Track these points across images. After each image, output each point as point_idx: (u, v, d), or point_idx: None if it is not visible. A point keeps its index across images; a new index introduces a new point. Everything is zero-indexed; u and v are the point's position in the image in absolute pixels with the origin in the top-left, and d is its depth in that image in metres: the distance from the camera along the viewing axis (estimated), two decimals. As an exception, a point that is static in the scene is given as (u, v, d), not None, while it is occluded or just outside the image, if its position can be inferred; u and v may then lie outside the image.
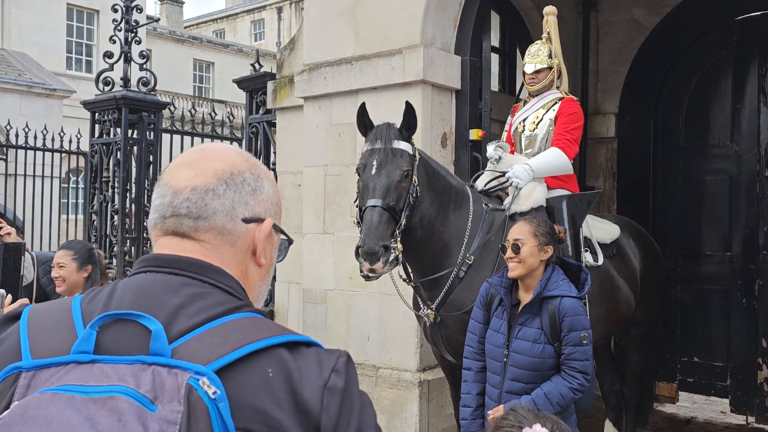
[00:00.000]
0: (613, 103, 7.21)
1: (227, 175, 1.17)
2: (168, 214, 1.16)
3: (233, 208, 1.17)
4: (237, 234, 1.17)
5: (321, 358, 1.06)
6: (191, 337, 1.02)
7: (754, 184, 6.36)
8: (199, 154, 1.21)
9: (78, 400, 0.92)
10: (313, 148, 5.56)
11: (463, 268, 3.90)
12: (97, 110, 7.79)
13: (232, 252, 1.17)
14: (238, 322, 1.06)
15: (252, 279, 1.22)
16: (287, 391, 1.01)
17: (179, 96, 22.63)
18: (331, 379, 1.04)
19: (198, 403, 0.94)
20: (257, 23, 37.02)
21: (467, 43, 5.19)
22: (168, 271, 1.12)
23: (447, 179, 3.98)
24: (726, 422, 6.41)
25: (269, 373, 1.01)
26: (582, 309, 3.19)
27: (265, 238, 1.21)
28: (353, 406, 1.06)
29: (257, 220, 1.20)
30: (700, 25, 6.76)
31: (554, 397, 3.10)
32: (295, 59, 6.05)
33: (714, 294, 6.62)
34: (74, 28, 22.69)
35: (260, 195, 1.21)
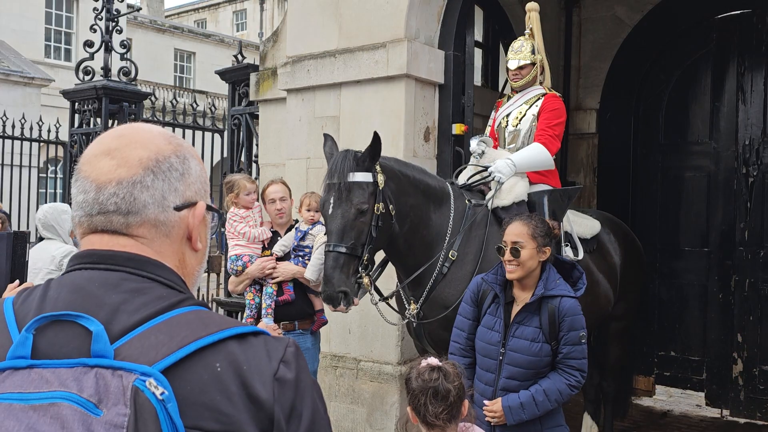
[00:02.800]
0: (595, 99, 7.27)
1: (153, 163, 1.10)
2: (95, 211, 1.09)
3: (164, 198, 1.11)
4: (171, 224, 1.12)
5: (269, 348, 1.04)
6: (134, 335, 0.98)
7: (732, 181, 6.45)
8: (118, 141, 1.11)
9: (17, 408, 0.89)
10: (295, 141, 5.55)
11: (447, 264, 3.92)
12: (76, 100, 7.71)
13: (168, 243, 1.12)
14: (183, 317, 1.02)
15: (190, 266, 1.17)
16: (238, 384, 0.98)
17: (160, 86, 22.45)
18: (280, 369, 1.02)
19: (145, 404, 0.91)
20: (239, 13, 36.75)
21: (451, 38, 5.20)
22: (104, 267, 1.07)
23: (425, 182, 3.94)
24: (701, 415, 6.51)
25: (217, 368, 0.98)
26: (579, 309, 3.20)
27: (201, 221, 1.16)
28: (305, 396, 1.05)
29: (189, 205, 1.14)
30: (680, 23, 6.83)
31: (552, 394, 3.12)
32: (278, 51, 6.03)
33: (691, 289, 6.71)
34: (53, 15, 22.39)
35: (188, 178, 1.14)
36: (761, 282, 6.22)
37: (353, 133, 5.20)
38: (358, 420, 5.11)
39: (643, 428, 6.07)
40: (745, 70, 6.42)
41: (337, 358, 5.25)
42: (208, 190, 1.20)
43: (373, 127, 5.04)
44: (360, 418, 5.11)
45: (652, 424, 6.22)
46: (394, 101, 4.97)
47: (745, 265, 6.34)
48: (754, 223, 6.30)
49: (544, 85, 4.71)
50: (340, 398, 5.22)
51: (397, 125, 4.95)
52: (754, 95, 6.37)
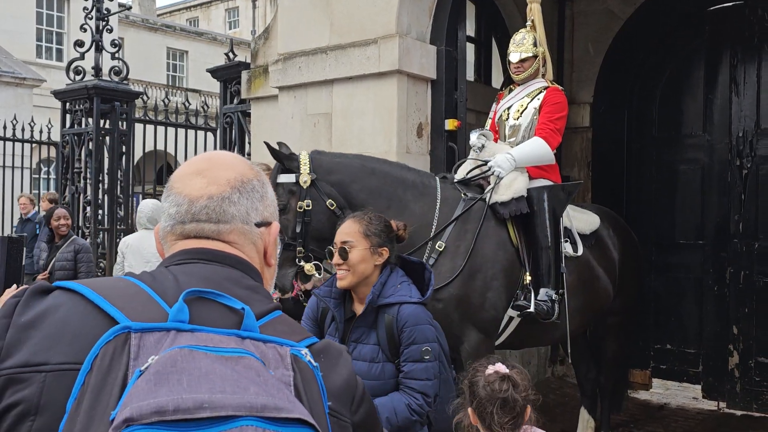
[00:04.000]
0: (588, 92, 7.24)
1: (239, 183, 1.23)
2: (187, 220, 1.20)
3: (247, 214, 1.23)
4: (254, 236, 1.25)
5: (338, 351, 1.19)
6: (265, 321, 1.11)
7: (726, 173, 6.44)
8: (207, 163, 1.25)
9: (214, 357, 0.96)
10: (287, 139, 5.48)
11: (434, 255, 3.91)
12: (68, 100, 7.68)
13: (255, 251, 1.25)
14: (286, 319, 1.18)
15: (265, 279, 1.29)
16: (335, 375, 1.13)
17: (152, 85, 22.37)
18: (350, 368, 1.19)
19: (305, 369, 1.04)
20: (231, 11, 36.65)
21: (443, 33, 5.18)
22: (221, 265, 1.18)
23: (396, 171, 3.99)
24: (698, 408, 6.51)
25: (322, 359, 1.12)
26: (425, 316, 2.77)
27: (275, 239, 1.29)
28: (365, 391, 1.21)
29: (266, 223, 1.27)
30: (673, 16, 6.82)
31: (385, 411, 2.60)
32: (269, 49, 6.00)
33: (686, 282, 6.71)
34: (44, 15, 22.28)
35: (266, 200, 1.28)
36: (756, 274, 6.23)
37: (345, 130, 5.18)
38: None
39: (640, 422, 6.06)
40: (738, 62, 6.41)
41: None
42: (277, 213, 1.34)
43: (366, 124, 5.05)
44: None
45: (649, 418, 6.22)
46: (386, 97, 4.95)
47: (740, 257, 6.34)
48: (749, 215, 6.30)
49: (546, 77, 4.66)
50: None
51: (389, 121, 4.93)
52: (747, 87, 6.36)
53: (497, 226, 4.08)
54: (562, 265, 4.15)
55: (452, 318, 3.85)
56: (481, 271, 3.94)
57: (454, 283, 3.87)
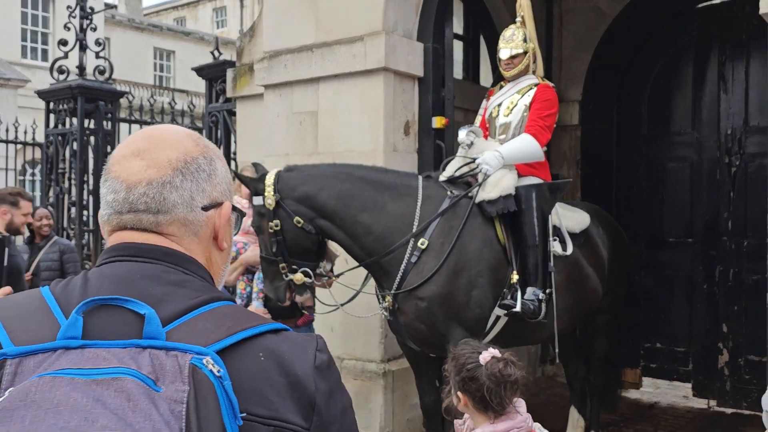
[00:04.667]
0: (577, 90, 7.22)
1: (182, 164, 1.13)
2: (124, 210, 1.11)
3: (192, 198, 1.14)
4: (199, 223, 1.15)
5: (303, 340, 1.08)
6: (182, 322, 1.01)
7: (715, 171, 6.42)
8: (147, 142, 1.15)
9: (80, 382, 0.89)
10: (273, 137, 5.46)
11: (416, 253, 3.89)
12: (51, 100, 7.58)
13: (197, 241, 1.16)
14: (222, 310, 1.06)
15: (216, 264, 1.21)
16: (280, 373, 1.02)
17: (139, 85, 22.21)
18: (317, 358, 1.06)
19: (204, 381, 0.93)
20: (219, 11, 36.48)
21: (430, 30, 5.13)
22: (143, 260, 1.09)
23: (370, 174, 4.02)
24: (688, 406, 6.49)
25: (261, 357, 1.02)
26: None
27: (227, 221, 1.19)
28: (339, 385, 1.09)
29: (216, 205, 1.17)
30: (661, 13, 6.80)
31: None
32: (255, 47, 5.93)
33: (676, 280, 6.69)
34: (29, 15, 22.09)
35: (215, 179, 1.18)
36: (746, 272, 6.20)
37: (332, 129, 5.12)
38: (343, 420, 5.04)
39: (630, 420, 6.03)
40: (727, 59, 6.39)
41: (320, 358, 5.17)
42: (233, 190, 1.25)
43: (352, 122, 5.00)
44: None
45: (640, 416, 6.19)
46: (372, 95, 4.90)
47: (729, 255, 6.32)
48: (738, 212, 6.28)
49: (536, 74, 4.61)
50: (324, 398, 5.14)
51: (376, 119, 4.88)
52: (736, 85, 6.34)
53: (484, 223, 4.04)
54: (550, 264, 4.11)
55: (437, 316, 3.83)
56: (466, 269, 3.91)
57: (438, 281, 3.85)
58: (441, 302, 3.85)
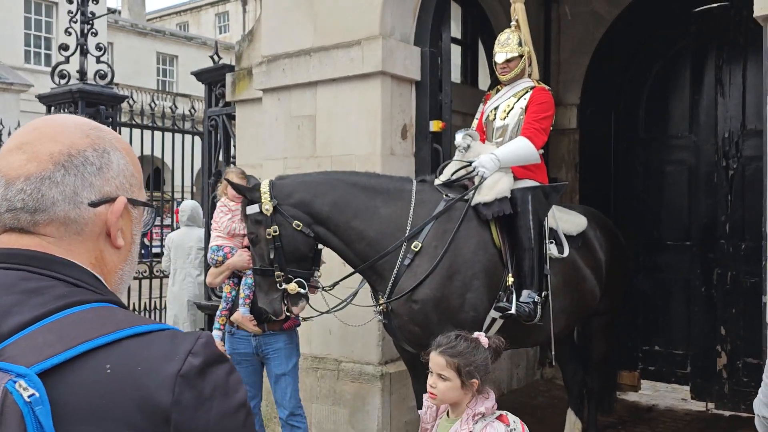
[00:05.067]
0: (575, 94, 7.24)
1: (64, 158, 1.05)
2: (3, 209, 1.04)
3: (75, 194, 1.05)
4: (84, 221, 1.07)
5: (176, 343, 0.97)
6: (22, 336, 0.93)
7: (712, 174, 6.45)
8: (31, 134, 1.07)
9: None
10: (272, 141, 5.49)
11: (409, 256, 3.92)
12: (52, 104, 7.60)
13: (80, 240, 1.07)
14: (79, 316, 0.97)
15: (111, 264, 1.12)
16: (131, 386, 0.92)
17: (141, 90, 22.29)
18: (186, 363, 0.95)
19: (11, 407, 0.85)
20: (221, 15, 36.60)
21: (427, 34, 5.16)
22: (4, 267, 1.01)
23: (362, 180, 4.05)
24: (686, 409, 6.50)
25: (107, 371, 0.92)
26: None
27: (119, 218, 1.10)
28: (217, 389, 0.97)
29: (107, 200, 1.08)
30: (658, 17, 6.83)
31: None
32: (253, 51, 5.96)
33: (674, 283, 6.71)
34: (32, 20, 22.20)
35: (108, 173, 1.09)
36: (743, 275, 6.22)
37: (330, 132, 5.15)
38: (340, 421, 5.06)
39: (629, 423, 6.04)
40: (724, 63, 6.42)
41: (318, 360, 5.20)
42: (136, 183, 1.15)
43: (350, 126, 5.03)
44: (342, 419, 5.05)
45: (638, 419, 6.19)
46: (370, 99, 4.92)
47: (727, 258, 6.33)
48: (735, 216, 6.30)
49: (532, 77, 4.65)
50: (322, 399, 5.16)
51: (373, 123, 4.91)
52: (733, 88, 6.36)
53: (479, 226, 4.07)
54: (546, 266, 4.13)
55: (431, 319, 3.85)
56: (461, 272, 3.93)
57: (432, 284, 3.87)
58: (435, 305, 3.87)
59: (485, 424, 2.70)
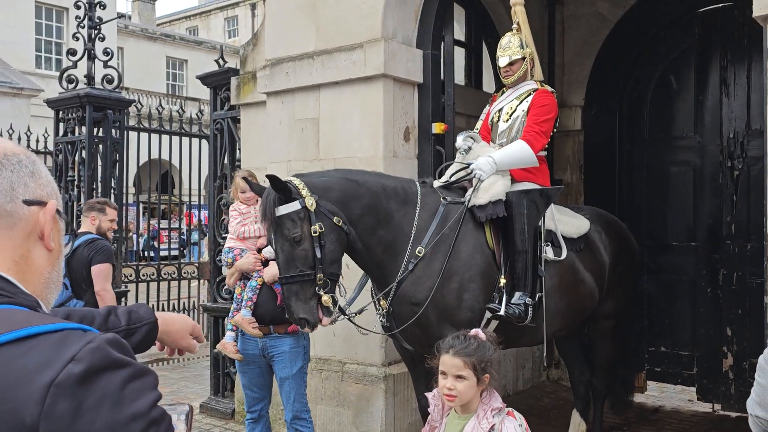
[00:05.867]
0: (579, 95, 7.24)
1: (1, 156, 1.10)
2: None
3: (12, 189, 1.08)
4: (17, 216, 1.09)
5: (61, 347, 0.92)
6: None
7: (717, 174, 6.43)
8: None
9: None
10: (276, 144, 5.53)
11: (413, 261, 3.93)
12: (61, 108, 7.69)
13: (9, 236, 1.08)
14: None
15: (38, 265, 1.12)
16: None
17: (151, 94, 22.43)
18: (64, 372, 0.89)
19: None
20: (231, 20, 36.77)
21: (429, 37, 5.19)
22: None
23: (381, 183, 3.98)
24: (693, 410, 6.48)
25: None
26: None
27: (51, 219, 1.13)
28: (102, 400, 0.90)
29: (40, 202, 1.12)
30: (663, 18, 6.81)
31: None
32: (257, 55, 6.01)
33: (679, 284, 6.69)
34: (43, 26, 22.40)
35: (39, 178, 1.14)
36: (749, 275, 6.19)
37: (333, 135, 5.18)
38: (345, 422, 5.08)
39: (635, 424, 6.03)
40: (728, 63, 6.41)
41: (322, 361, 5.22)
42: (59, 199, 1.18)
43: (353, 128, 5.06)
44: (346, 420, 5.08)
45: (644, 420, 6.18)
46: (372, 101, 4.95)
47: (732, 259, 6.31)
48: (741, 216, 6.28)
49: (535, 78, 4.68)
50: (326, 401, 5.19)
51: (376, 126, 4.94)
52: (738, 88, 6.35)
53: (475, 229, 4.10)
54: (540, 268, 4.14)
55: (430, 320, 3.88)
56: (458, 274, 3.96)
57: (431, 286, 3.90)
58: (434, 306, 3.90)
59: (502, 418, 2.79)
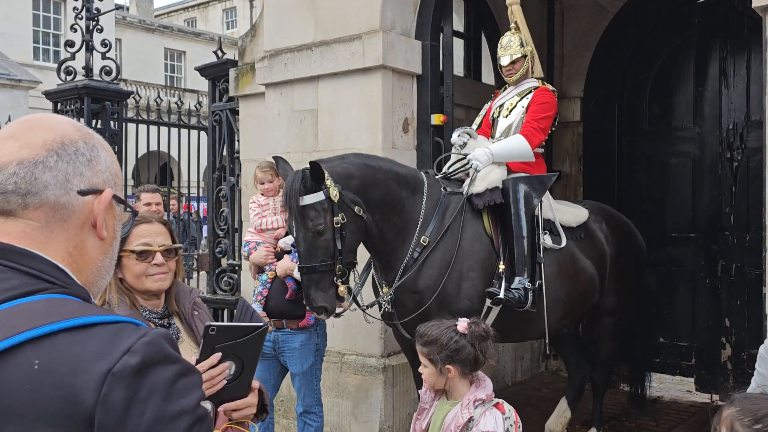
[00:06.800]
0: (578, 87, 7.24)
1: (58, 146, 1.08)
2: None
3: (67, 180, 1.07)
4: (72, 208, 1.08)
5: (116, 339, 0.94)
6: None
7: (717, 166, 6.43)
8: (24, 125, 1.11)
9: None
10: (275, 136, 5.52)
11: (418, 249, 3.97)
12: (58, 100, 7.65)
13: (64, 227, 1.08)
14: (28, 306, 0.96)
15: (90, 254, 1.12)
16: (54, 384, 0.88)
17: (149, 85, 22.37)
18: (120, 362, 0.91)
19: None
20: (229, 11, 36.65)
21: (428, 28, 5.18)
22: None
23: (395, 170, 3.99)
24: (691, 401, 6.50)
25: (35, 366, 0.89)
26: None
27: (105, 209, 1.12)
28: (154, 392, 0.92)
29: (95, 191, 1.11)
30: (662, 9, 6.80)
31: None
32: (256, 46, 5.99)
33: (678, 275, 6.69)
34: (40, 17, 22.32)
35: (97, 165, 1.12)
36: (748, 266, 6.20)
37: (331, 126, 5.18)
38: (344, 413, 5.09)
39: (633, 415, 6.05)
40: (728, 54, 6.39)
41: (321, 353, 5.23)
42: (119, 183, 1.18)
43: (352, 120, 5.05)
44: (345, 411, 5.09)
45: (642, 411, 6.20)
46: (371, 93, 4.95)
47: (731, 250, 6.32)
48: (740, 207, 6.28)
49: (535, 74, 4.76)
50: (326, 392, 5.18)
51: (374, 117, 4.93)
52: (737, 79, 6.34)
53: (473, 218, 4.15)
54: (539, 255, 4.16)
55: (430, 308, 3.91)
56: (458, 263, 4.00)
57: (432, 275, 3.93)
58: (435, 295, 3.92)
59: (484, 410, 2.79)
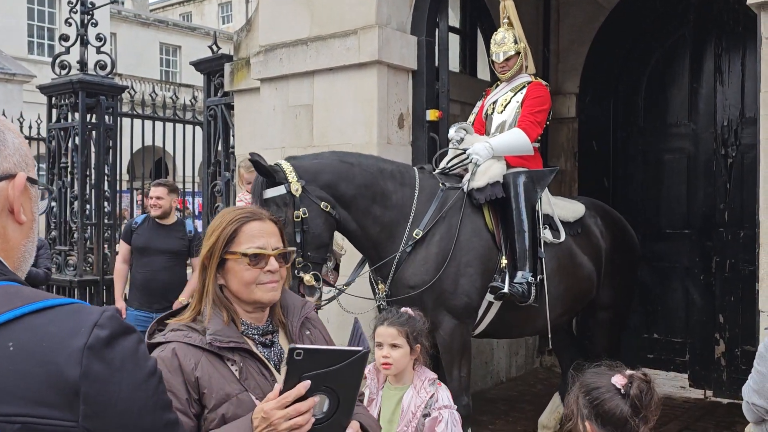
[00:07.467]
0: (574, 83, 7.24)
1: None
2: None
3: None
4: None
5: (82, 316, 0.98)
6: None
7: (711, 162, 6.44)
8: None
9: None
10: (270, 131, 5.51)
11: (411, 243, 3.96)
12: (53, 94, 7.64)
13: None
14: None
15: (13, 240, 1.11)
16: (36, 362, 0.92)
17: (144, 80, 22.31)
18: (93, 335, 0.95)
19: None
20: (225, 6, 36.51)
21: (423, 23, 5.17)
22: None
23: (377, 165, 4.02)
24: (685, 396, 6.51)
25: (9, 348, 0.92)
26: None
27: (21, 193, 1.11)
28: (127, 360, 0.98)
29: (7, 176, 1.09)
30: (657, 5, 6.80)
31: None
32: (251, 41, 5.98)
33: (673, 271, 6.71)
34: (35, 11, 22.22)
35: (4, 150, 1.10)
36: (742, 262, 6.21)
37: (327, 122, 5.17)
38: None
39: (626, 411, 6.06)
40: (723, 50, 6.40)
41: (316, 348, 5.23)
42: (31, 164, 1.16)
43: (347, 115, 5.05)
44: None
45: (636, 407, 6.21)
46: (366, 88, 4.94)
47: (725, 246, 6.33)
48: (734, 203, 6.29)
49: (528, 71, 4.76)
50: (320, 388, 5.19)
51: (370, 112, 4.93)
52: (732, 76, 6.35)
53: (473, 212, 4.14)
54: (540, 249, 4.16)
55: (426, 304, 3.89)
56: (456, 258, 3.98)
57: (428, 270, 3.92)
58: (430, 290, 3.92)
59: (436, 388, 3.01)
